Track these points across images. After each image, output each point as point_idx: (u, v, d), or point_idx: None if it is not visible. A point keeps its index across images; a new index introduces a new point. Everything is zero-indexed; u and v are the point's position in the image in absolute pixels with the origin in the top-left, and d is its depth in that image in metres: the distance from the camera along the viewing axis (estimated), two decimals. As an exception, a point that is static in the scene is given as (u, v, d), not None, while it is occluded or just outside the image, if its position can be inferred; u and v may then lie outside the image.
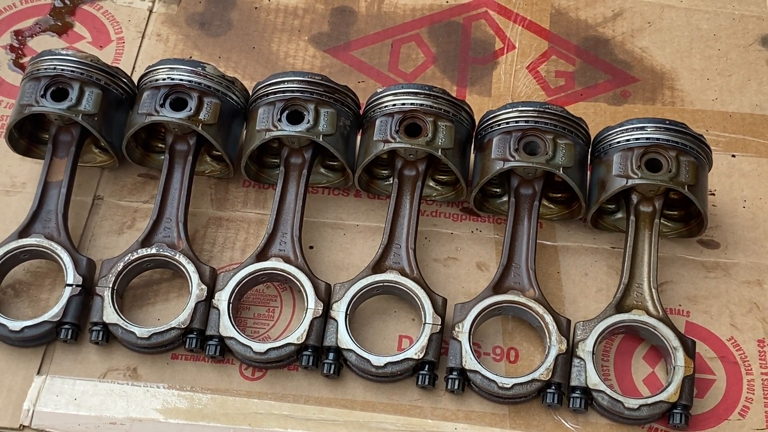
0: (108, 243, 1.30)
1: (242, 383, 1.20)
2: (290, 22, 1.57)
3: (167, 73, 1.28)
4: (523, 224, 1.27)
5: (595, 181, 1.27)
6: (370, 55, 1.53)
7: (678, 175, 1.21)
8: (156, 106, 1.26)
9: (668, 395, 1.14)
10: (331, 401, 1.19)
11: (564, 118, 1.25)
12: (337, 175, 1.36)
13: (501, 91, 1.49)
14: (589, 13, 1.59)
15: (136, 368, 1.21)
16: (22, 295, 1.25)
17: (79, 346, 1.22)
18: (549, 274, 1.29)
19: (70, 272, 1.21)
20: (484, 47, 1.55)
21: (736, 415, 1.19)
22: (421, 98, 1.26)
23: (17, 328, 1.18)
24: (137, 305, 1.25)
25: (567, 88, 1.50)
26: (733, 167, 1.40)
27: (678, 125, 1.24)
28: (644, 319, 1.19)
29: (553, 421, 1.18)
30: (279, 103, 1.27)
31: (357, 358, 1.17)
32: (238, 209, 1.35)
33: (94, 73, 1.28)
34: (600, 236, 1.33)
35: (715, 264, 1.31)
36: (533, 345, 1.24)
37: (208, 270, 1.22)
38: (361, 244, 1.32)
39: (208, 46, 1.53)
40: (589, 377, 1.15)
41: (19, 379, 1.19)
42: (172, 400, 1.19)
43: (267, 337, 1.23)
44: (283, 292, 1.27)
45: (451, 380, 1.17)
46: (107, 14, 1.56)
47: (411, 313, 1.25)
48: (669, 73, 1.51)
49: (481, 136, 1.29)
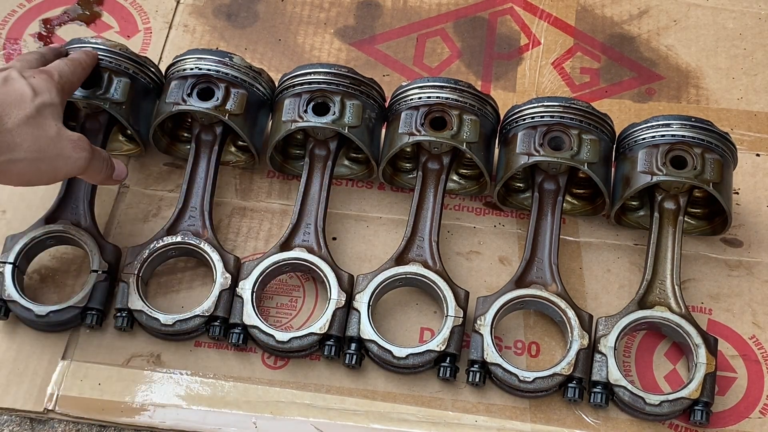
0: (133, 230, 1.31)
1: (264, 372, 1.21)
2: (316, 14, 1.58)
3: (195, 63, 1.29)
4: (546, 219, 1.28)
5: (619, 177, 1.27)
6: (395, 49, 1.54)
7: (703, 173, 1.21)
8: (183, 96, 1.27)
9: (689, 392, 1.14)
10: (352, 391, 1.20)
11: (589, 113, 1.26)
12: (362, 168, 1.37)
13: (526, 86, 1.49)
14: (614, 11, 1.58)
15: (160, 355, 1.22)
16: (48, 281, 1.27)
17: (104, 331, 1.23)
18: (571, 269, 1.30)
19: (95, 259, 1.22)
20: (509, 43, 1.55)
21: (757, 413, 1.19)
22: (446, 92, 1.27)
23: (43, 313, 1.19)
24: (161, 293, 1.26)
25: (592, 84, 1.50)
26: (757, 166, 1.40)
27: (703, 123, 1.24)
28: (667, 315, 1.19)
29: (573, 416, 1.18)
30: (305, 94, 1.27)
31: (379, 349, 1.17)
32: (262, 199, 1.35)
33: (123, 62, 1.29)
34: (623, 233, 1.33)
35: (738, 262, 1.31)
36: (554, 340, 1.24)
37: (233, 259, 1.23)
38: (384, 237, 1.32)
39: (234, 38, 1.54)
40: (610, 372, 1.16)
41: (44, 364, 1.21)
42: (194, 387, 1.20)
43: (289, 327, 1.24)
44: (306, 283, 1.27)
45: (473, 373, 1.17)
46: (135, 4, 1.57)
47: (433, 306, 1.25)
48: (694, 71, 1.51)
49: (506, 130, 1.29)
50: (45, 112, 1.08)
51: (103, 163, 1.16)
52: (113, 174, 1.19)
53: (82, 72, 1.21)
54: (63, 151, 1.09)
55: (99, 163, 1.15)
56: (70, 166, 1.10)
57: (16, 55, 1.49)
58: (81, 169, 1.12)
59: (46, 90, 1.10)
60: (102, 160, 1.16)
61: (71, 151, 1.10)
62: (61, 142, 1.09)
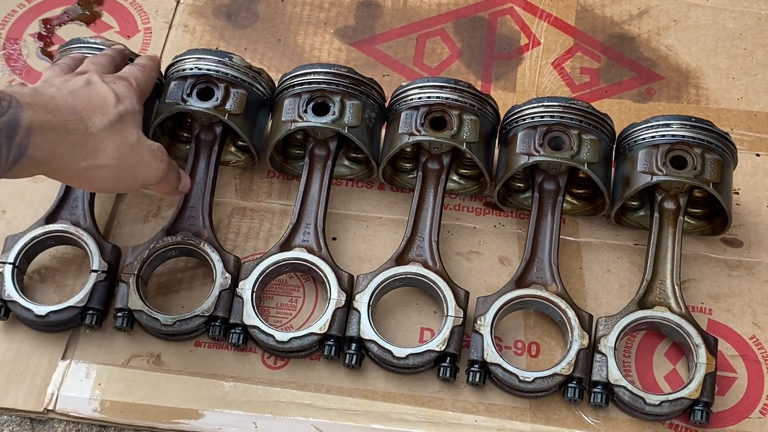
0: (133, 230, 1.31)
1: (264, 372, 1.21)
2: (316, 15, 1.58)
3: (195, 63, 1.29)
4: (546, 219, 1.28)
5: (619, 177, 1.27)
6: (395, 49, 1.54)
7: (703, 173, 1.21)
8: (183, 96, 1.27)
9: (689, 392, 1.14)
10: (352, 391, 1.20)
11: (589, 114, 1.26)
12: (361, 168, 1.37)
13: (526, 86, 1.49)
14: (614, 11, 1.58)
15: (160, 355, 1.22)
16: (48, 281, 1.27)
17: (104, 331, 1.23)
18: (571, 269, 1.30)
19: (95, 258, 1.22)
20: (509, 43, 1.55)
21: (757, 413, 1.19)
22: (446, 92, 1.27)
23: (43, 313, 1.19)
24: (161, 293, 1.26)
25: (592, 84, 1.50)
26: (757, 166, 1.40)
27: (703, 123, 1.24)
28: (667, 315, 1.19)
29: (573, 416, 1.18)
30: (305, 94, 1.27)
31: (379, 349, 1.17)
32: (262, 200, 1.35)
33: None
34: (623, 233, 1.33)
35: (738, 263, 1.31)
36: (554, 340, 1.24)
37: (233, 259, 1.23)
38: (384, 237, 1.32)
39: (234, 38, 1.54)
40: (610, 372, 1.16)
41: (44, 364, 1.21)
42: (194, 387, 1.19)
43: (289, 327, 1.24)
44: (306, 283, 1.27)
45: (473, 373, 1.17)
46: (135, 4, 1.57)
47: (433, 306, 1.25)
48: (694, 71, 1.51)
49: (506, 130, 1.29)
50: (127, 119, 1.07)
51: (176, 174, 1.16)
52: (179, 186, 1.19)
53: (152, 79, 1.20)
54: (143, 159, 1.08)
55: (173, 173, 1.15)
56: (148, 175, 1.10)
57: (16, 56, 1.49)
58: (158, 179, 1.11)
59: (128, 97, 1.10)
60: (175, 170, 1.16)
61: (151, 159, 1.09)
62: (142, 150, 1.08)
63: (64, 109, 1.01)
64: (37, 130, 0.96)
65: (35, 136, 0.96)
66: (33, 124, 0.95)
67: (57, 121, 0.99)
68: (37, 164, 0.98)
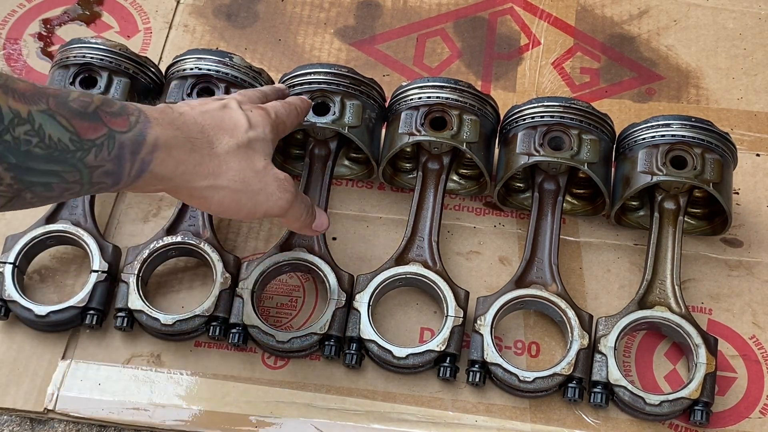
0: (133, 230, 1.31)
1: (264, 372, 1.21)
2: (316, 14, 1.58)
3: (195, 63, 1.29)
4: (546, 219, 1.28)
5: (619, 177, 1.27)
6: (395, 49, 1.54)
7: (703, 173, 1.21)
8: (183, 96, 1.27)
9: (689, 392, 1.14)
10: (352, 391, 1.20)
11: (589, 113, 1.26)
12: (362, 168, 1.37)
13: (526, 86, 1.49)
14: (614, 11, 1.58)
15: (160, 355, 1.22)
16: (48, 281, 1.27)
17: (104, 331, 1.23)
18: (571, 269, 1.30)
19: (95, 258, 1.22)
20: (509, 43, 1.55)
21: (757, 413, 1.19)
22: (446, 92, 1.27)
23: (43, 313, 1.19)
24: (161, 293, 1.26)
25: (592, 84, 1.50)
26: (757, 166, 1.40)
27: (703, 123, 1.24)
28: (667, 315, 1.19)
29: (573, 416, 1.18)
30: (305, 94, 1.27)
31: (379, 349, 1.17)
32: (262, 200, 1.35)
33: (123, 62, 1.29)
34: (623, 233, 1.33)
35: (738, 262, 1.31)
36: (555, 340, 1.24)
37: (233, 259, 1.23)
38: (384, 237, 1.32)
39: (234, 38, 1.54)
40: (610, 372, 1.16)
41: (44, 364, 1.21)
42: (194, 387, 1.20)
43: (289, 327, 1.24)
44: (306, 283, 1.27)
45: (473, 373, 1.17)
46: (135, 4, 1.57)
47: (433, 306, 1.26)
48: (694, 71, 1.51)
49: (506, 130, 1.29)
50: (256, 146, 1.04)
51: (304, 209, 1.10)
52: (312, 223, 1.13)
53: (296, 117, 1.15)
54: (267, 187, 1.04)
55: (300, 208, 1.09)
56: (271, 204, 1.05)
57: (16, 56, 1.49)
58: (282, 210, 1.06)
59: (261, 125, 1.06)
60: (304, 206, 1.10)
61: (275, 189, 1.04)
62: (267, 178, 1.04)
63: (192, 126, 0.99)
64: (162, 147, 0.94)
65: (159, 152, 0.94)
66: (158, 140, 0.93)
67: (183, 138, 0.96)
68: (159, 180, 0.96)
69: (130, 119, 0.92)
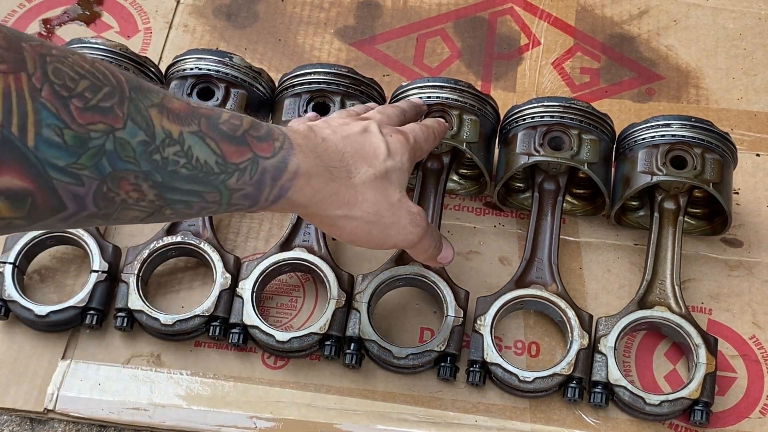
0: (133, 230, 1.31)
1: (264, 372, 1.21)
2: (316, 15, 1.58)
3: (195, 63, 1.29)
4: (546, 219, 1.28)
5: (619, 177, 1.27)
6: (395, 49, 1.54)
7: (703, 173, 1.21)
8: (183, 96, 1.27)
9: (689, 392, 1.14)
10: (352, 391, 1.20)
11: (589, 113, 1.26)
12: (361, 168, 1.37)
13: (526, 86, 1.49)
14: (614, 11, 1.58)
15: (160, 355, 1.22)
16: (48, 281, 1.27)
17: (104, 331, 1.23)
18: (571, 269, 1.30)
19: (96, 258, 1.22)
20: (509, 43, 1.55)
21: (757, 413, 1.19)
22: (446, 92, 1.27)
23: (43, 313, 1.19)
24: (161, 293, 1.26)
25: (592, 84, 1.50)
26: (757, 166, 1.40)
27: (703, 123, 1.24)
28: (667, 315, 1.19)
29: (573, 416, 1.18)
30: (305, 95, 1.27)
31: (379, 349, 1.17)
32: (262, 199, 1.35)
33: (123, 62, 1.29)
34: (623, 233, 1.33)
35: (738, 262, 1.31)
36: (554, 340, 1.24)
37: (233, 259, 1.23)
38: (384, 237, 1.32)
39: (234, 38, 1.54)
40: (610, 372, 1.16)
41: (44, 364, 1.21)
42: (194, 386, 1.20)
43: (289, 327, 1.24)
44: (306, 283, 1.28)
45: (473, 373, 1.17)
46: (135, 4, 1.57)
47: (433, 306, 1.26)
48: (694, 71, 1.51)
49: (506, 130, 1.29)
50: (392, 177, 1.02)
51: (433, 242, 1.08)
52: (438, 256, 1.11)
53: (433, 142, 1.13)
54: (399, 221, 1.02)
55: (429, 241, 1.07)
56: (401, 238, 1.03)
57: (16, 55, 1.49)
58: (411, 244, 1.05)
59: (399, 153, 1.04)
60: (433, 239, 1.08)
61: (407, 223, 1.03)
62: (400, 211, 1.02)
63: (333, 154, 0.97)
64: (303, 175, 0.93)
65: (299, 180, 0.93)
66: (300, 168, 0.92)
67: (323, 167, 0.95)
68: (294, 206, 0.95)
69: (275, 144, 0.91)
